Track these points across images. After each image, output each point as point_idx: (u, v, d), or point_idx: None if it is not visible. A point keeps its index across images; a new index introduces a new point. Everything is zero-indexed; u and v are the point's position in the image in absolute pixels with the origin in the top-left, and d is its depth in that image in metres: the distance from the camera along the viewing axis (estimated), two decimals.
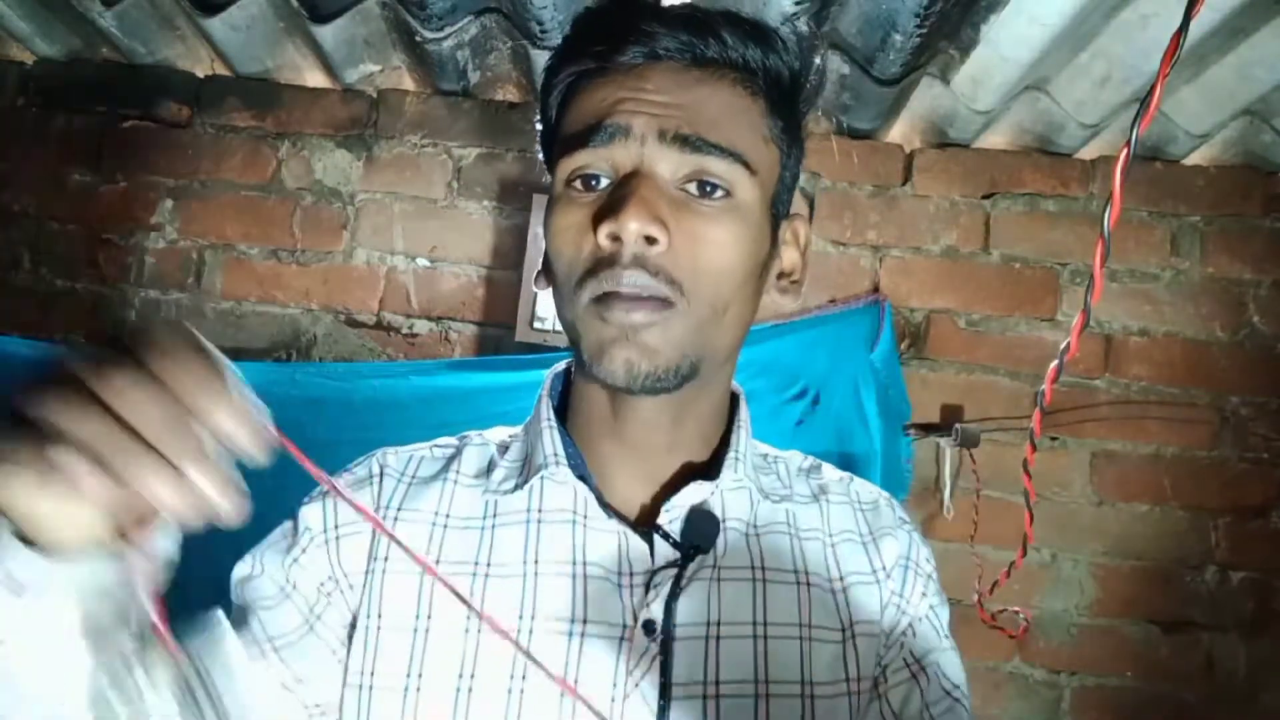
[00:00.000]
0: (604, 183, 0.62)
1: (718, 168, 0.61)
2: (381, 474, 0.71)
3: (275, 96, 1.83)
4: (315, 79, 1.84)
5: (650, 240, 0.59)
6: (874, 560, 0.71)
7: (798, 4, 1.31)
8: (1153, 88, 0.37)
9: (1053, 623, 1.74)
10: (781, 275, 0.71)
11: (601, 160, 0.62)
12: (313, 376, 1.59)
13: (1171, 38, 0.37)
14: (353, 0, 1.56)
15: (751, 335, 1.87)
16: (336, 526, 0.68)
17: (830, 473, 0.77)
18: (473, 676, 0.61)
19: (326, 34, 1.61)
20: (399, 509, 0.68)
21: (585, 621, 0.62)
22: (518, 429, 0.76)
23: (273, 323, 1.80)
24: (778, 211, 0.68)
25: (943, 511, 1.73)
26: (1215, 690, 1.71)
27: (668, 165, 0.61)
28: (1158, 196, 1.80)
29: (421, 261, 1.81)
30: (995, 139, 1.81)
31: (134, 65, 1.82)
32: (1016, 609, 1.68)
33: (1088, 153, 1.79)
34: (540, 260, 0.71)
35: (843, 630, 0.66)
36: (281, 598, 0.66)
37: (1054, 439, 1.76)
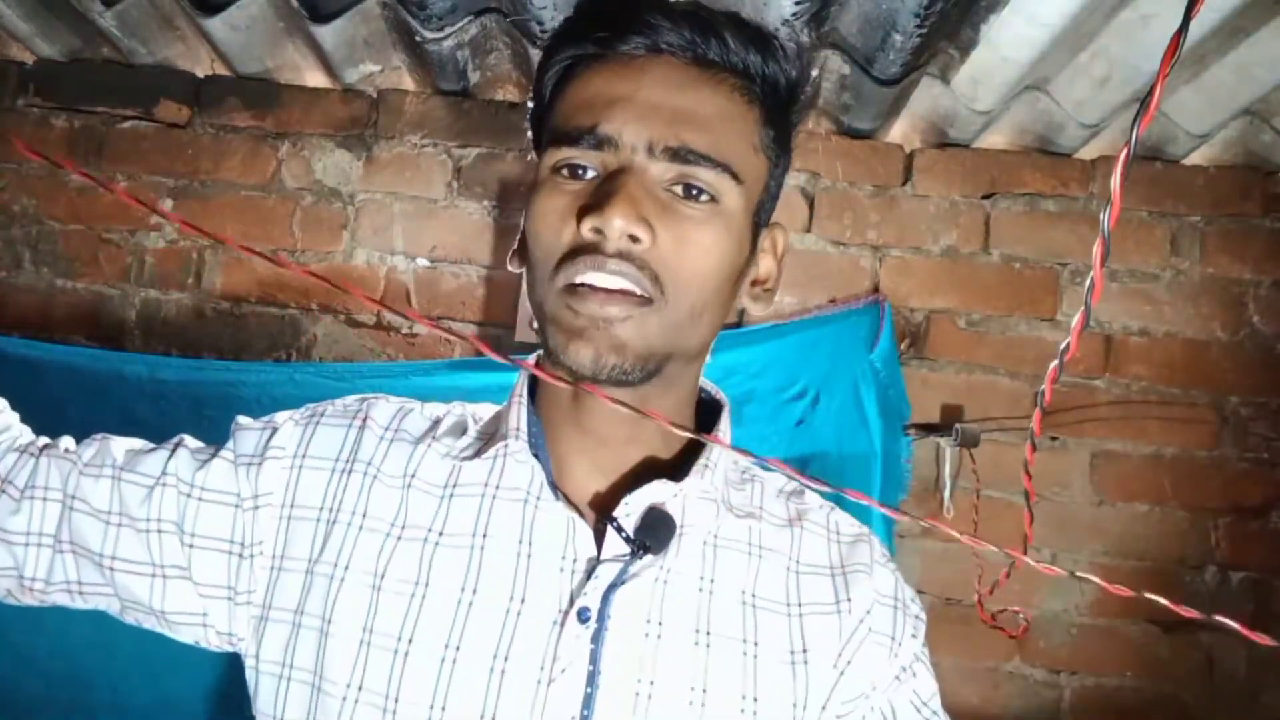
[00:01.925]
0: (591, 174, 0.62)
1: (705, 176, 0.62)
2: (364, 424, 0.71)
3: (275, 96, 1.83)
4: (315, 79, 1.84)
5: (634, 239, 0.59)
6: (839, 591, 0.69)
7: (798, 4, 1.31)
8: (1153, 88, 0.37)
9: (1053, 623, 1.74)
10: (755, 283, 0.71)
11: (590, 157, 0.62)
12: (312, 376, 1.59)
13: (1171, 38, 0.37)
14: (353, 0, 1.56)
15: (751, 335, 1.86)
16: (305, 455, 0.69)
17: (812, 500, 0.76)
18: (458, 649, 0.62)
19: (326, 34, 1.61)
20: (379, 467, 0.69)
21: (523, 601, 0.63)
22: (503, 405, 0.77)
23: (273, 323, 1.80)
24: (759, 220, 0.68)
25: (943, 511, 1.73)
26: (1215, 690, 1.71)
27: (656, 169, 0.62)
28: (1158, 196, 1.80)
29: (421, 261, 1.82)
30: (995, 139, 1.81)
31: (134, 65, 1.82)
32: (1016, 609, 1.68)
33: (1088, 153, 1.79)
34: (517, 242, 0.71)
35: (793, 654, 0.66)
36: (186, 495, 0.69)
37: (1054, 439, 1.76)
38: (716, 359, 0.73)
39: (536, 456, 0.67)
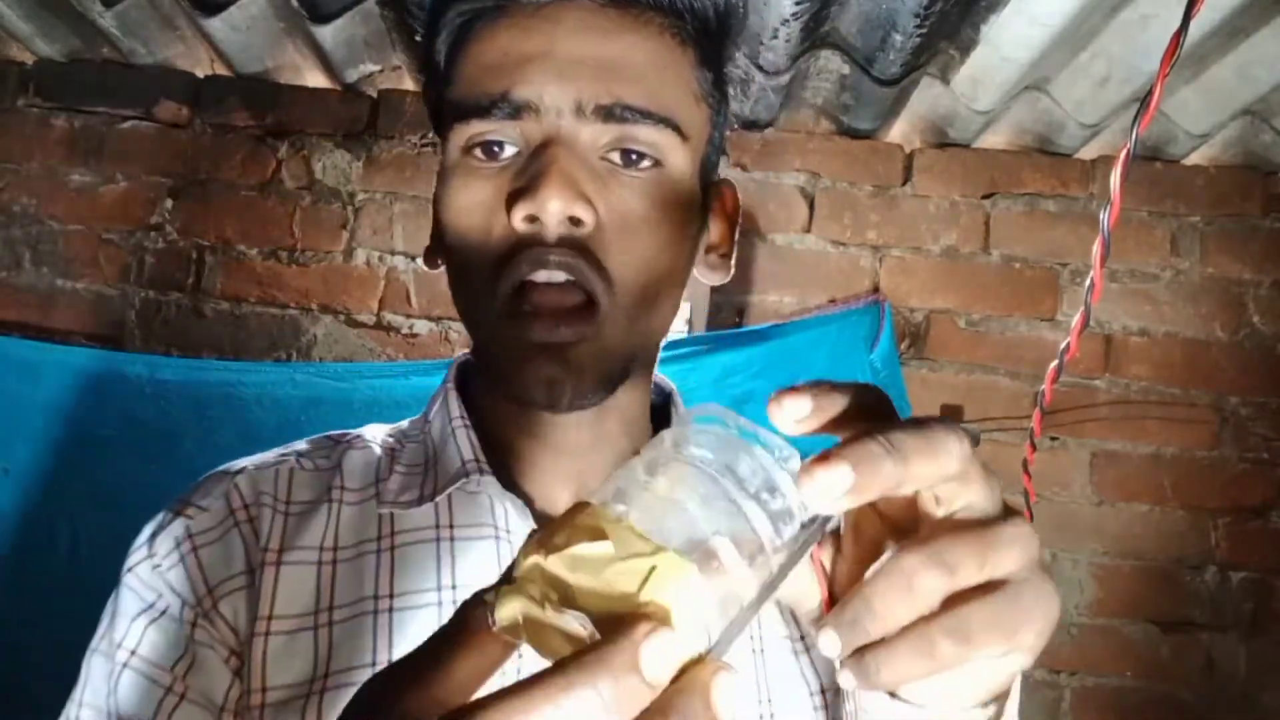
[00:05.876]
0: (510, 150, 0.54)
1: (646, 135, 0.53)
2: (257, 504, 0.57)
3: (275, 96, 1.83)
4: (315, 79, 1.83)
5: (575, 221, 0.51)
6: None
7: (798, 3, 1.31)
8: (1153, 88, 0.37)
9: None
10: (710, 249, 0.63)
11: (508, 130, 0.53)
12: (312, 376, 1.59)
13: (1171, 38, 0.37)
14: (353, 0, 1.56)
15: (751, 335, 1.84)
16: (213, 590, 0.55)
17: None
18: None
19: (326, 34, 1.61)
20: (280, 550, 0.56)
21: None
22: (401, 425, 0.67)
23: (273, 323, 1.80)
24: (706, 178, 0.60)
25: None
26: (1215, 690, 1.71)
27: (589, 133, 0.53)
28: (1158, 196, 1.80)
29: (421, 261, 1.81)
30: (995, 139, 1.81)
31: (134, 65, 1.82)
32: None
33: (1088, 153, 1.79)
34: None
35: (792, 640, 0.60)
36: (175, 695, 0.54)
37: (1054, 439, 1.76)
38: (716, 359, 0.72)
39: (511, 490, 0.58)
